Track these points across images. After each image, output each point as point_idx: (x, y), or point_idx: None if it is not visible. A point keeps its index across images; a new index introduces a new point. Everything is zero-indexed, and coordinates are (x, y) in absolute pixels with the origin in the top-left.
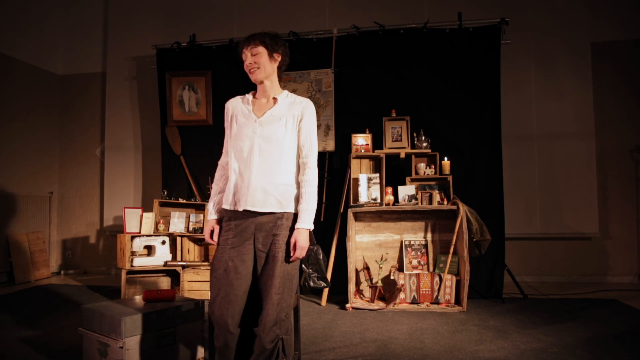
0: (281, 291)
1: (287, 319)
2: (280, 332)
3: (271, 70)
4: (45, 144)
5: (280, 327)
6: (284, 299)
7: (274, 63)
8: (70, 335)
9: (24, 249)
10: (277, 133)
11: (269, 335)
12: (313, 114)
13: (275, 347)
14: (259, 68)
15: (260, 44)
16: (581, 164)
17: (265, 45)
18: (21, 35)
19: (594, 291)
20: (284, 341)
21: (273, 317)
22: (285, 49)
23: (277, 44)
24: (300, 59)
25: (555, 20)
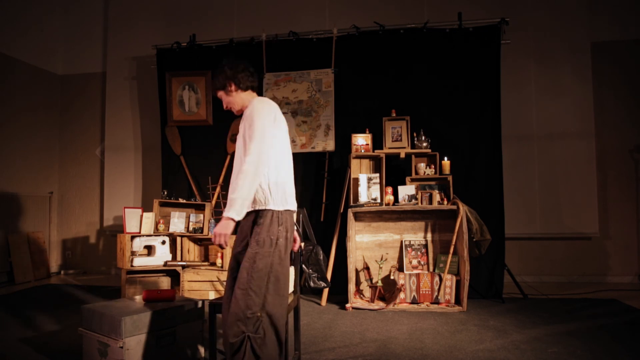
0: (246, 287)
1: (258, 318)
2: (246, 330)
3: (236, 99)
4: (45, 144)
5: (246, 324)
6: (249, 296)
7: (232, 93)
8: (70, 335)
9: (24, 249)
10: (237, 144)
11: (231, 329)
12: (252, 108)
13: (241, 344)
14: (230, 107)
15: (215, 89)
16: (581, 164)
17: (219, 87)
18: (21, 35)
19: (594, 291)
20: (252, 340)
21: (235, 311)
22: (233, 71)
23: (222, 76)
24: (300, 59)
25: (556, 20)
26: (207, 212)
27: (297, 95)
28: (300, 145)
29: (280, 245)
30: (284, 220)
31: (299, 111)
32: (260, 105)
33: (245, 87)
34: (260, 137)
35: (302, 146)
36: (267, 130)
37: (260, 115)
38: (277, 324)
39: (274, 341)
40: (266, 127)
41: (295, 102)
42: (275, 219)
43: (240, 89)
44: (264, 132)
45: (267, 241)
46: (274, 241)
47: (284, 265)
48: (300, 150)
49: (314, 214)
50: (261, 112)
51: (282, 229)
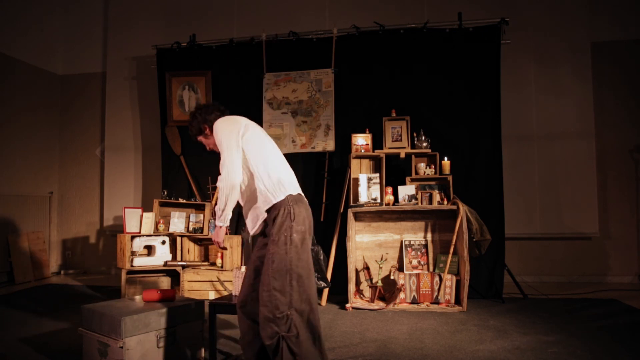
0: (270, 288)
1: (288, 317)
2: (279, 330)
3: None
4: (45, 144)
5: (277, 324)
6: (274, 296)
7: (210, 136)
8: (70, 335)
9: (24, 249)
10: None
11: (265, 331)
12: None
13: (277, 344)
14: (214, 148)
15: (194, 135)
16: (581, 164)
17: (195, 133)
18: (21, 35)
19: (594, 291)
20: (287, 339)
21: (264, 313)
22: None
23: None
24: (300, 59)
25: (556, 20)
26: (207, 212)
27: (297, 95)
28: (300, 145)
29: (295, 241)
30: (296, 215)
31: (299, 111)
32: (219, 125)
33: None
34: (225, 153)
35: (302, 146)
36: (232, 143)
37: (221, 133)
38: (308, 319)
39: (309, 337)
40: (231, 141)
41: (295, 102)
42: (286, 215)
43: (214, 127)
44: (229, 146)
45: (282, 239)
46: (287, 238)
47: (302, 259)
48: (300, 150)
49: (314, 214)
50: (221, 130)
51: (294, 224)
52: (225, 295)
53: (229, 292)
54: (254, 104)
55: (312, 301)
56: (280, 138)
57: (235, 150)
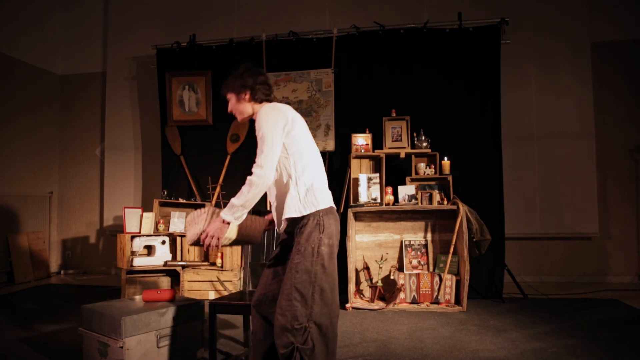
0: (291, 297)
1: (306, 329)
2: (295, 341)
3: (246, 108)
4: (45, 144)
5: (294, 335)
6: (295, 306)
7: (244, 102)
8: (70, 335)
9: (24, 248)
10: None
11: (280, 340)
12: (262, 116)
13: (290, 355)
14: (237, 115)
15: (227, 91)
16: (581, 164)
17: (231, 90)
18: (21, 35)
19: (594, 291)
20: (301, 351)
21: (281, 322)
22: (254, 79)
23: (240, 82)
24: (300, 58)
25: (556, 20)
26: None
27: (297, 95)
28: None
29: (322, 254)
30: (325, 227)
31: (299, 111)
32: (266, 113)
33: (260, 100)
34: (268, 147)
35: None
36: (276, 140)
37: (268, 124)
38: (326, 334)
39: (324, 352)
40: (276, 137)
41: (295, 102)
42: (314, 226)
43: (253, 100)
44: (273, 142)
45: (309, 250)
46: (315, 250)
47: (328, 273)
48: None
49: None
50: (268, 121)
51: (323, 237)
52: (225, 295)
53: (229, 292)
54: None
55: (333, 316)
56: None
57: (277, 148)
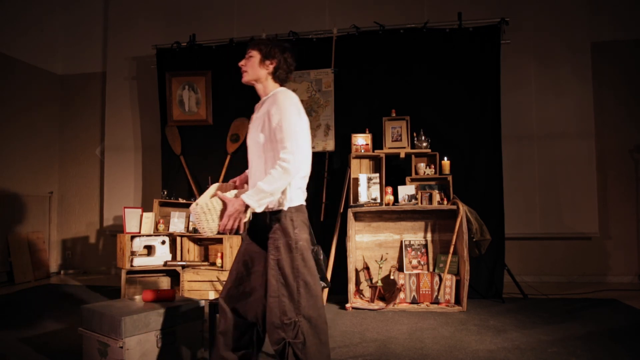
0: (277, 294)
1: (296, 324)
2: (286, 336)
3: (261, 74)
4: (45, 144)
5: (284, 330)
6: (282, 302)
7: (264, 68)
8: (70, 335)
9: (24, 248)
10: (254, 136)
11: (272, 336)
12: (279, 102)
13: (283, 350)
14: (246, 71)
15: (255, 47)
16: (581, 164)
17: (260, 50)
18: (21, 35)
19: (594, 291)
20: (293, 346)
21: (271, 319)
22: (284, 56)
23: (274, 50)
24: (300, 59)
25: (556, 20)
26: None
27: (297, 95)
28: None
29: (301, 248)
30: (298, 222)
31: None
32: (288, 100)
33: (276, 76)
34: (296, 136)
35: None
36: (299, 128)
37: (292, 111)
38: (317, 325)
39: (317, 344)
40: (298, 126)
41: None
42: (289, 220)
43: (274, 74)
44: (298, 130)
45: (287, 246)
46: (293, 245)
47: (309, 266)
48: None
49: (313, 214)
50: (291, 108)
51: (297, 232)
52: None
53: None
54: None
55: (320, 307)
56: None
57: (302, 135)
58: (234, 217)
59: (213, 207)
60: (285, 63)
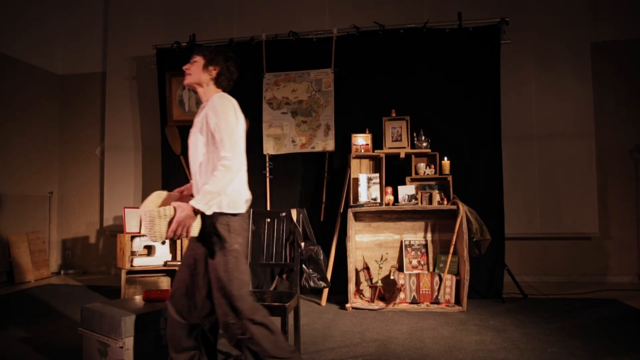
0: (218, 295)
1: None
2: (237, 333)
3: (203, 79)
4: (45, 144)
5: (232, 329)
6: (223, 303)
7: (207, 74)
8: (70, 335)
9: (23, 248)
10: (194, 139)
11: (226, 333)
12: (216, 105)
13: (238, 345)
14: (190, 74)
15: (199, 53)
16: (581, 164)
17: (204, 56)
18: (21, 35)
19: (594, 291)
20: (244, 342)
21: (221, 319)
22: (227, 64)
23: (217, 57)
24: (300, 59)
25: (556, 20)
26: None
27: (297, 95)
28: (300, 145)
29: (235, 251)
30: (235, 227)
31: (299, 111)
32: (224, 102)
33: (218, 83)
34: (234, 136)
35: (302, 146)
36: (236, 129)
37: (228, 113)
38: (259, 320)
39: (267, 335)
40: (235, 126)
41: (295, 102)
42: (225, 226)
43: (216, 80)
44: (234, 130)
45: (222, 250)
46: (227, 248)
47: (241, 269)
48: (300, 150)
49: (313, 214)
50: (227, 110)
51: (233, 236)
52: None
53: None
54: (254, 103)
55: (255, 304)
56: (280, 138)
57: (238, 135)
58: (183, 223)
59: (164, 214)
60: (227, 71)
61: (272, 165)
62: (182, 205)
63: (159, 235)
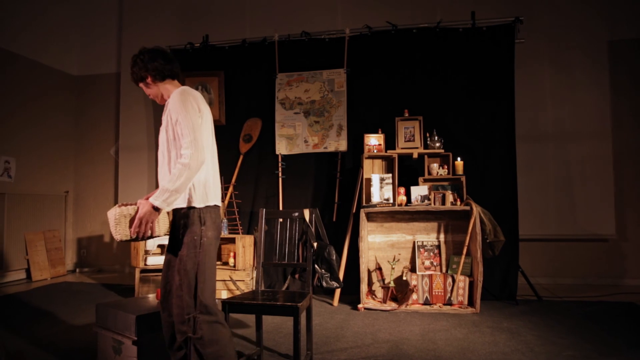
0: (179, 289)
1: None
2: (187, 330)
3: (156, 90)
4: (61, 144)
5: (187, 325)
6: (182, 298)
7: (151, 85)
8: (85, 333)
9: (40, 247)
10: (161, 137)
11: (177, 329)
12: (175, 100)
13: (186, 344)
14: (154, 98)
15: (134, 80)
16: (597, 165)
17: (136, 79)
18: (38, 38)
19: (610, 294)
20: (195, 341)
21: (176, 312)
22: (145, 63)
23: (137, 69)
24: (312, 59)
25: (571, 19)
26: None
27: (310, 95)
28: (312, 145)
29: (204, 245)
30: (206, 219)
31: (312, 111)
32: (184, 97)
33: (162, 77)
34: (193, 131)
35: (315, 146)
36: (196, 123)
37: (187, 108)
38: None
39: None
40: (196, 121)
41: (308, 102)
42: (196, 218)
43: (157, 80)
44: (194, 125)
45: (192, 242)
46: (197, 241)
47: (211, 264)
48: (313, 150)
49: (326, 214)
50: (187, 104)
51: (204, 229)
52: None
53: (242, 291)
54: (267, 104)
55: (215, 305)
56: (293, 138)
57: (199, 130)
58: (144, 219)
59: (128, 213)
60: (152, 63)
61: (284, 166)
62: (143, 202)
63: (123, 234)
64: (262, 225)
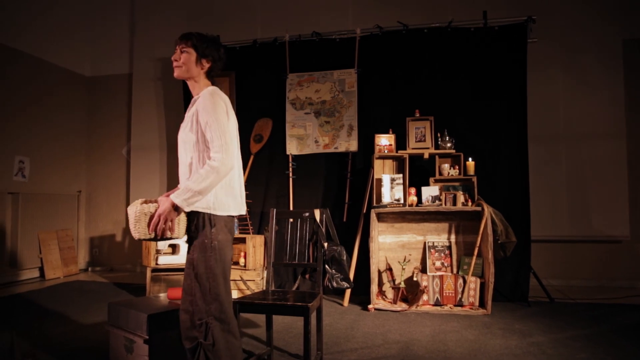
0: (192, 293)
1: (207, 325)
2: (199, 336)
3: (195, 73)
4: (73, 144)
5: (198, 330)
6: (195, 303)
7: (199, 67)
8: (97, 331)
9: (53, 245)
10: (184, 136)
11: (186, 335)
12: (207, 102)
13: (195, 350)
14: (181, 67)
15: (192, 45)
16: (611, 165)
17: (196, 48)
18: (50, 38)
19: (625, 296)
20: (205, 347)
21: (184, 318)
22: (217, 55)
23: (210, 49)
24: (323, 59)
25: (585, 17)
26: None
27: (320, 96)
28: (323, 145)
29: (216, 248)
30: (216, 222)
31: (322, 111)
32: (215, 99)
33: (210, 76)
34: (224, 135)
35: (325, 146)
36: (227, 128)
37: (218, 111)
38: (229, 328)
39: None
40: (227, 126)
41: (319, 103)
42: (207, 221)
43: (208, 74)
44: (225, 130)
45: (202, 245)
46: (208, 245)
47: (224, 268)
48: (323, 151)
49: (336, 214)
50: (218, 107)
51: (214, 231)
52: (248, 294)
53: (252, 291)
54: (277, 104)
55: (229, 309)
56: (303, 138)
57: (229, 135)
58: (163, 216)
59: (149, 211)
60: (220, 61)
61: (295, 166)
62: (163, 199)
63: (142, 232)
64: (273, 225)
